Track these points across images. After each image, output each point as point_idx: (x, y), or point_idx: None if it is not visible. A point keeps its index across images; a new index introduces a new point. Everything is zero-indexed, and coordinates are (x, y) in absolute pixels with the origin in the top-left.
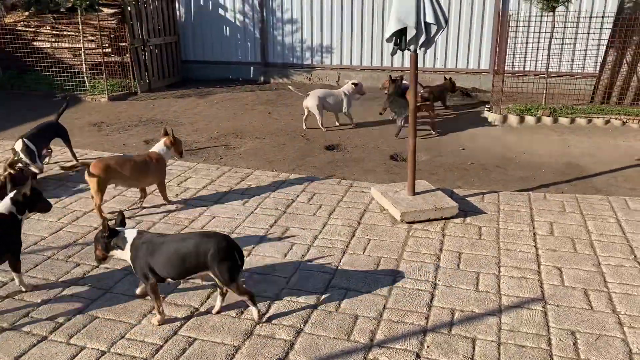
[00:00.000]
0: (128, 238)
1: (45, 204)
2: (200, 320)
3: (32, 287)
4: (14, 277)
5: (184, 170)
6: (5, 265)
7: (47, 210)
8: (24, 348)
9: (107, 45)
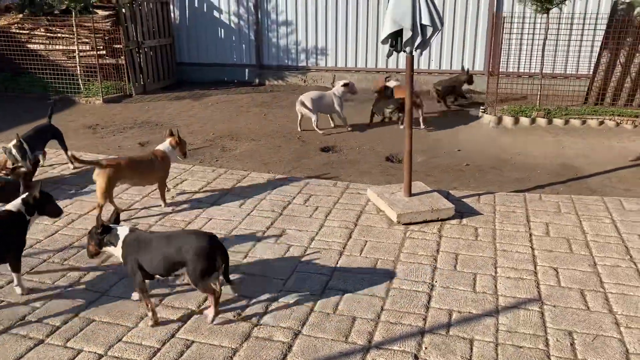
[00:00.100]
0: (120, 235)
1: (55, 209)
2: (198, 323)
3: (28, 291)
4: (13, 278)
5: (180, 172)
6: (2, 269)
7: (57, 215)
8: (21, 352)
9: (101, 47)
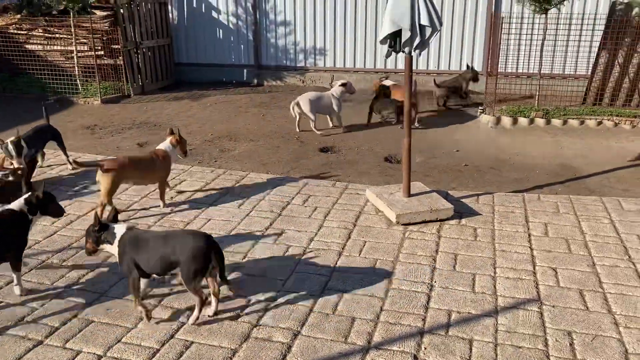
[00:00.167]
0: (117, 233)
1: (58, 209)
2: (197, 324)
3: (27, 292)
4: (13, 278)
5: (179, 173)
6: (1, 269)
7: (59, 215)
8: (20, 353)
9: (99, 47)
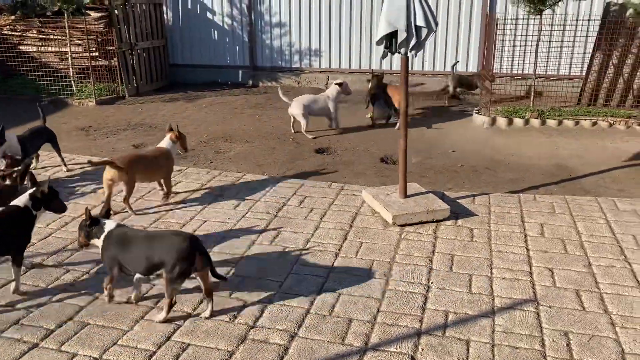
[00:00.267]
0: (105, 229)
1: (61, 205)
2: (194, 326)
3: (22, 293)
4: (13, 273)
5: (174, 174)
6: None
7: (61, 211)
8: (15, 356)
9: (94, 49)
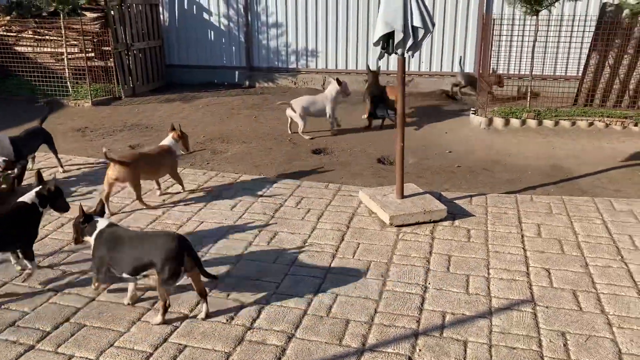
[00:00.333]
0: (98, 227)
1: (64, 204)
2: (191, 327)
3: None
4: (29, 265)
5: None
6: None
7: (65, 210)
8: (11, 358)
9: (90, 49)
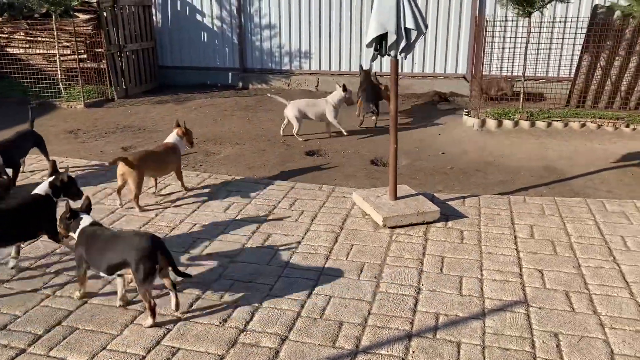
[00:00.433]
0: (81, 224)
1: (78, 192)
2: (184, 330)
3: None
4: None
5: (163, 177)
6: None
7: (78, 197)
8: None
9: (82, 51)
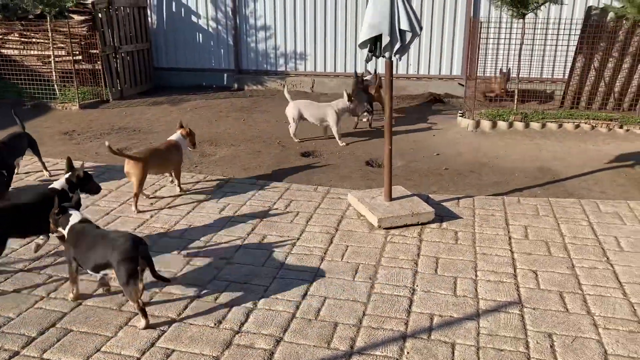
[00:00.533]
0: (71, 221)
1: (95, 187)
2: (178, 331)
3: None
4: None
5: (159, 178)
6: None
7: (97, 192)
8: None
9: (77, 52)
